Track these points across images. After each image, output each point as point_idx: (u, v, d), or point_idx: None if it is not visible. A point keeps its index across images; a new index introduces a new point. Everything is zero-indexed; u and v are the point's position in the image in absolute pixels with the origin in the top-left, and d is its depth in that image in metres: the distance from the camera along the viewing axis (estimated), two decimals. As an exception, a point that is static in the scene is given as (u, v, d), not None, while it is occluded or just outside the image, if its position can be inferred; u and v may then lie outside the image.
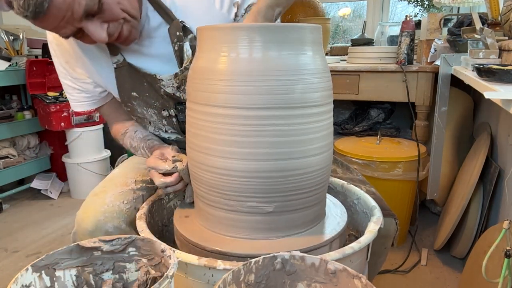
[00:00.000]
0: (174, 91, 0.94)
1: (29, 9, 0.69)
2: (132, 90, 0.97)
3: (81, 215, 0.89)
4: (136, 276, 0.65)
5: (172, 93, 0.95)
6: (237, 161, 0.67)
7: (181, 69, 0.90)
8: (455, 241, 1.68)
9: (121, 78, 0.96)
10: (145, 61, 0.94)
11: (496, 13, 1.38)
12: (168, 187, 0.85)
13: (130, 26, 0.84)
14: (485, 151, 1.55)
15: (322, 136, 0.71)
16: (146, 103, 0.98)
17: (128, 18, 0.82)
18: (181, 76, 0.91)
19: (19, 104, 2.62)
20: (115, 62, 0.94)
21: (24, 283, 0.56)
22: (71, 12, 0.73)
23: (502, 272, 0.89)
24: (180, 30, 0.88)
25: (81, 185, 2.56)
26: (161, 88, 0.94)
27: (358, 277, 0.56)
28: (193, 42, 0.90)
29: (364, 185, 1.02)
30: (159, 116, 1.00)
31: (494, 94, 0.81)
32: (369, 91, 1.92)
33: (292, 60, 0.66)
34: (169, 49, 0.91)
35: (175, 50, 0.90)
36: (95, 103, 1.05)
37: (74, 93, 1.03)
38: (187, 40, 0.89)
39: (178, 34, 0.88)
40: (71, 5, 0.72)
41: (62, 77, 1.02)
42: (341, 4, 2.97)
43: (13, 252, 1.94)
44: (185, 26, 0.89)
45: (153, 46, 0.93)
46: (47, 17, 0.72)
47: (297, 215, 0.72)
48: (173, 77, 0.92)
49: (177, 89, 0.94)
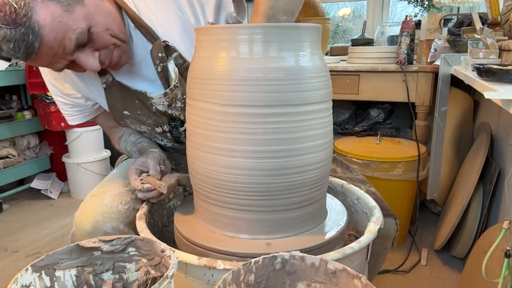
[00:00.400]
0: (166, 108, 0.94)
1: (20, 51, 0.69)
2: (124, 109, 0.96)
3: (79, 216, 0.88)
4: (136, 276, 0.65)
5: (164, 111, 0.94)
6: (237, 159, 0.67)
7: (171, 88, 0.90)
8: (455, 241, 1.68)
9: (112, 98, 0.96)
10: (134, 80, 0.94)
11: (496, 13, 1.38)
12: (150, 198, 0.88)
13: (120, 51, 0.84)
14: (485, 151, 1.55)
15: (322, 133, 0.71)
16: (139, 120, 0.98)
17: (118, 43, 0.82)
18: (171, 94, 0.91)
19: (19, 104, 2.63)
20: (104, 82, 0.94)
21: (24, 283, 0.55)
22: (62, 48, 0.73)
23: (502, 272, 0.89)
24: (163, 51, 0.87)
25: (81, 185, 2.56)
26: (152, 105, 0.93)
27: (358, 277, 0.56)
28: (177, 60, 0.89)
29: (364, 185, 1.02)
30: (153, 132, 1.00)
31: (494, 94, 0.81)
32: (369, 91, 1.92)
33: (292, 59, 0.66)
34: (154, 70, 0.90)
35: (159, 72, 0.89)
36: (88, 115, 1.06)
37: (67, 108, 1.03)
38: (171, 59, 0.88)
39: (160, 55, 0.87)
40: (62, 42, 0.72)
41: (53, 94, 1.02)
42: (341, 4, 2.97)
43: (13, 252, 1.94)
44: (168, 45, 0.88)
45: (139, 66, 0.92)
46: (39, 56, 0.72)
47: (297, 214, 0.72)
48: (163, 96, 0.91)
49: (168, 106, 0.93)
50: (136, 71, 0.93)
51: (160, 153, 0.95)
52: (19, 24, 0.67)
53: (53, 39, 0.71)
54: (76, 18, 0.73)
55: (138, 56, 0.91)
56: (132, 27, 0.89)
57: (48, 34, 0.70)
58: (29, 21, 0.68)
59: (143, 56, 0.90)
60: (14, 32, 0.67)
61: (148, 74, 0.93)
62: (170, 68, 0.89)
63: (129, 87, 0.93)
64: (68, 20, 0.72)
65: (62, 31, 0.71)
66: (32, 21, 0.68)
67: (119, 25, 0.83)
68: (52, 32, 0.70)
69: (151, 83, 0.94)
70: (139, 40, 0.89)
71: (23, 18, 0.67)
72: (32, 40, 0.69)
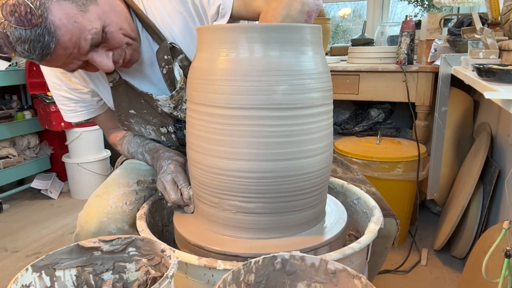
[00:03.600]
0: (171, 110, 0.93)
1: (36, 52, 0.68)
2: (130, 108, 0.96)
3: (84, 216, 0.88)
4: (136, 276, 0.65)
5: (170, 113, 0.94)
6: (237, 162, 0.67)
7: (177, 90, 0.89)
8: (455, 241, 1.68)
9: (118, 97, 0.95)
10: (140, 80, 0.94)
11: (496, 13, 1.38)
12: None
13: (132, 49, 0.84)
14: (485, 151, 1.55)
15: (323, 136, 0.71)
16: (144, 120, 0.97)
17: (130, 42, 0.82)
18: (177, 96, 0.90)
19: (19, 104, 2.63)
20: (111, 80, 0.93)
21: (24, 283, 0.56)
22: (77, 49, 0.72)
23: (502, 272, 0.89)
24: (169, 53, 0.86)
25: (81, 185, 2.56)
26: (158, 107, 0.93)
27: (358, 277, 0.56)
28: (183, 62, 0.88)
29: (364, 185, 1.01)
30: (157, 132, 1.00)
31: (494, 94, 0.81)
32: (369, 91, 1.92)
33: (292, 60, 0.66)
34: (159, 71, 0.90)
35: (164, 74, 0.89)
36: (92, 112, 1.04)
37: (71, 103, 1.01)
38: (177, 61, 0.88)
39: (166, 57, 0.86)
40: (77, 42, 0.71)
41: (56, 88, 1.00)
42: (341, 4, 2.97)
43: (13, 252, 1.94)
44: (174, 47, 0.87)
45: (144, 66, 0.92)
46: (54, 57, 0.71)
47: (297, 215, 0.72)
48: (169, 98, 0.91)
49: (174, 108, 0.93)
50: (141, 70, 0.93)
51: (179, 157, 0.92)
52: (35, 24, 0.66)
53: (68, 39, 0.70)
54: (90, 18, 0.72)
55: (144, 56, 0.91)
56: (140, 27, 0.88)
57: (64, 34, 0.69)
58: (45, 21, 0.66)
59: (149, 56, 0.90)
60: (29, 33, 0.66)
61: (153, 75, 0.93)
62: (175, 70, 0.88)
63: (135, 87, 0.93)
64: (83, 20, 0.71)
65: (77, 32, 0.70)
66: (48, 22, 0.67)
67: (130, 24, 0.83)
68: (68, 32, 0.69)
69: (156, 84, 0.94)
70: (145, 40, 0.89)
71: (39, 19, 0.66)
72: (48, 41, 0.68)
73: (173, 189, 0.83)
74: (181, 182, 0.84)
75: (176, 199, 0.82)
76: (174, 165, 0.87)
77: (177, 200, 0.83)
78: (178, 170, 0.86)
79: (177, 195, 0.83)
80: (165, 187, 0.84)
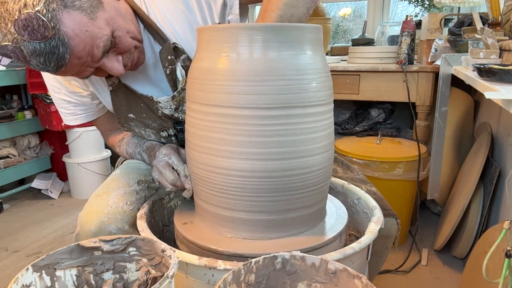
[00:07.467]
0: (172, 112, 0.93)
1: (51, 64, 0.68)
2: (129, 112, 0.96)
3: (84, 216, 0.88)
4: (136, 276, 0.66)
5: (170, 114, 0.94)
6: (238, 161, 0.67)
7: (178, 91, 0.89)
8: (456, 241, 1.68)
9: (117, 101, 0.95)
10: (140, 82, 0.93)
11: (496, 13, 1.38)
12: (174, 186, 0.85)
13: (139, 51, 0.84)
14: (486, 151, 1.55)
15: (323, 135, 0.71)
16: (144, 124, 0.97)
17: (137, 45, 0.82)
18: (179, 97, 0.90)
19: (20, 104, 2.63)
20: (110, 84, 0.93)
21: (24, 283, 0.56)
22: (91, 57, 0.73)
23: (503, 272, 0.89)
24: (172, 53, 0.86)
25: (82, 185, 2.56)
26: (158, 110, 0.93)
27: (358, 277, 0.55)
28: (185, 62, 0.88)
29: (364, 185, 1.01)
30: (157, 136, 1.00)
31: (495, 94, 0.81)
32: (369, 91, 1.92)
33: (293, 59, 0.66)
34: (162, 72, 0.89)
35: (167, 74, 0.89)
36: (92, 115, 1.04)
37: (70, 106, 1.01)
38: (179, 61, 0.88)
39: (169, 58, 0.86)
40: (90, 50, 0.72)
41: (55, 92, 1.00)
42: (342, 4, 2.97)
43: (13, 252, 1.94)
44: (176, 47, 0.87)
45: (145, 68, 0.92)
46: (69, 67, 0.71)
47: (298, 215, 0.72)
48: (171, 99, 0.91)
49: (175, 110, 0.93)
50: (142, 72, 0.92)
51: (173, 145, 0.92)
52: (49, 37, 0.65)
53: (82, 49, 0.70)
54: (100, 25, 0.72)
55: (148, 60, 0.90)
56: (142, 28, 0.88)
57: (78, 44, 0.69)
58: (58, 33, 0.66)
59: (150, 57, 0.90)
60: (43, 45, 0.65)
61: (154, 75, 0.93)
62: (177, 70, 0.88)
63: (134, 90, 0.92)
64: (94, 28, 0.71)
65: (90, 40, 0.71)
66: (61, 33, 0.66)
67: (135, 25, 0.83)
68: (81, 42, 0.69)
69: (157, 85, 0.94)
70: (147, 41, 0.89)
71: (52, 31, 0.65)
72: (63, 52, 0.68)
73: (169, 170, 0.84)
74: (176, 162, 0.84)
75: (173, 178, 0.82)
76: (166, 148, 0.88)
77: (174, 179, 0.83)
78: (171, 152, 0.86)
79: (174, 174, 0.83)
80: (160, 171, 0.84)
